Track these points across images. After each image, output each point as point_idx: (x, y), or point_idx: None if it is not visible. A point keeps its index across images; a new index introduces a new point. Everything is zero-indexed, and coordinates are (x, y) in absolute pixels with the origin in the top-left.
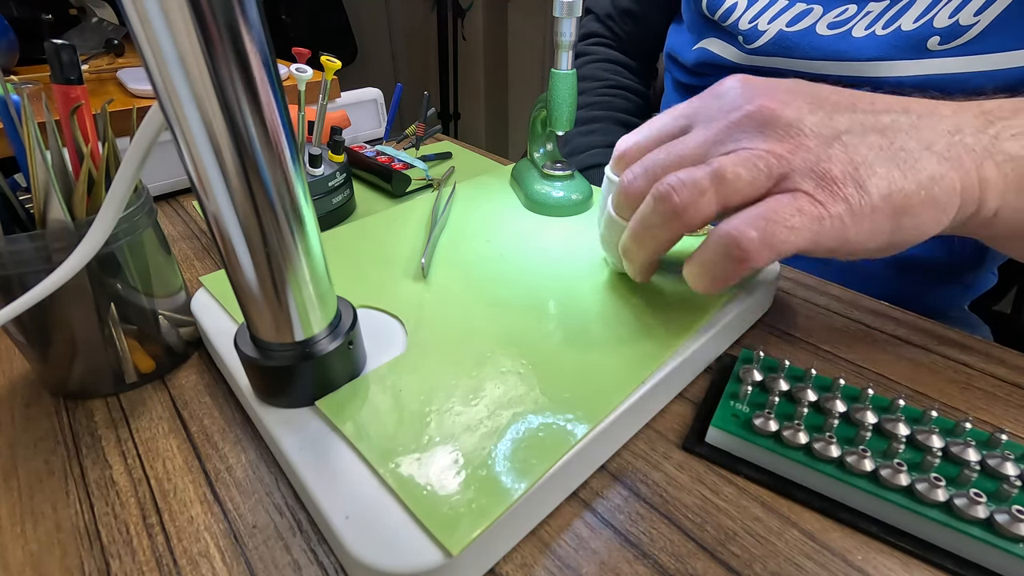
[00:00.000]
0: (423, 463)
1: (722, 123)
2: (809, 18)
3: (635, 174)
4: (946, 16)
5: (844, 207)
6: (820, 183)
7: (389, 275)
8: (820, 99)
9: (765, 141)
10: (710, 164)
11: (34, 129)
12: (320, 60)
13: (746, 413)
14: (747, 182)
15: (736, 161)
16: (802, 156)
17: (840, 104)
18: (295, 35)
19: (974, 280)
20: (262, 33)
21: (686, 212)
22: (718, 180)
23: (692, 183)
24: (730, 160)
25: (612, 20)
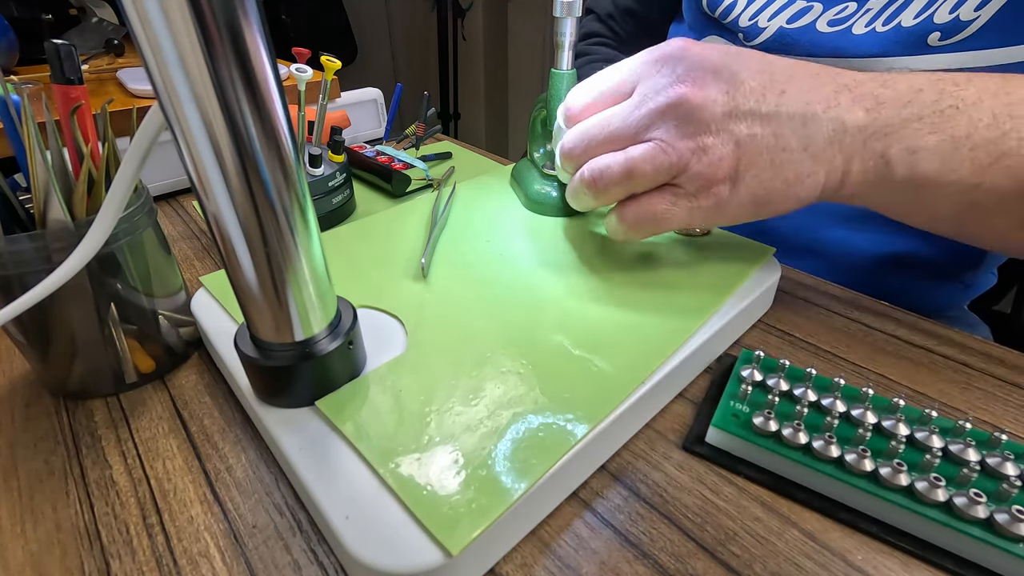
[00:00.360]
0: (423, 463)
1: (650, 105)
2: (809, 15)
3: (572, 142)
4: (946, 12)
5: (714, 201)
6: (702, 184)
7: (389, 275)
8: (738, 86)
9: (677, 136)
10: (627, 157)
11: (34, 129)
12: (320, 60)
13: (746, 413)
14: (651, 177)
15: (646, 158)
16: (698, 157)
17: (753, 92)
18: (295, 35)
19: (973, 279)
20: (262, 33)
21: (603, 194)
22: (628, 174)
23: (609, 176)
24: (641, 157)
25: (613, 20)
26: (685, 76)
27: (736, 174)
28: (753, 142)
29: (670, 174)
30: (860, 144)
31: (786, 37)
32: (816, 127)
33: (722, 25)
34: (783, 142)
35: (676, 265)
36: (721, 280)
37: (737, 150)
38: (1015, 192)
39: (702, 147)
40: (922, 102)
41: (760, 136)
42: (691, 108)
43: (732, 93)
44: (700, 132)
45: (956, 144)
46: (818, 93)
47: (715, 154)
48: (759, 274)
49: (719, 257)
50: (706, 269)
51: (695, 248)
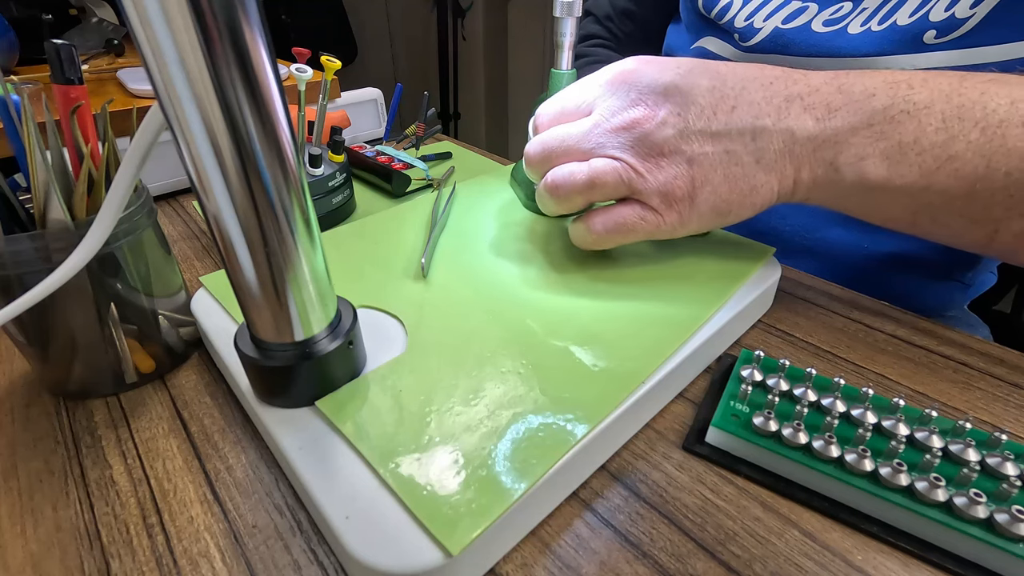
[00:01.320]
0: (423, 463)
1: (606, 125)
2: (804, 15)
3: (533, 151)
4: (942, 9)
5: (676, 217)
6: (663, 200)
7: (389, 275)
8: (687, 106)
9: (634, 156)
10: (590, 168)
11: (34, 129)
12: (320, 60)
13: (746, 413)
14: (611, 189)
15: (607, 171)
16: (655, 176)
17: (704, 111)
18: (295, 35)
19: (973, 279)
20: (262, 33)
21: (564, 202)
22: (590, 185)
23: (571, 184)
24: (602, 169)
25: (611, 21)
26: (638, 99)
27: (693, 191)
28: (706, 159)
29: (630, 189)
30: (809, 153)
31: (782, 37)
32: (766, 140)
33: (718, 26)
34: (735, 157)
35: (675, 265)
36: (721, 280)
37: (691, 169)
38: (964, 193)
39: (658, 167)
40: (873, 108)
41: (712, 154)
42: (644, 131)
43: (683, 115)
44: (654, 153)
45: (903, 150)
46: (768, 105)
47: (670, 172)
48: (759, 274)
49: (719, 257)
50: (706, 269)
51: (695, 248)
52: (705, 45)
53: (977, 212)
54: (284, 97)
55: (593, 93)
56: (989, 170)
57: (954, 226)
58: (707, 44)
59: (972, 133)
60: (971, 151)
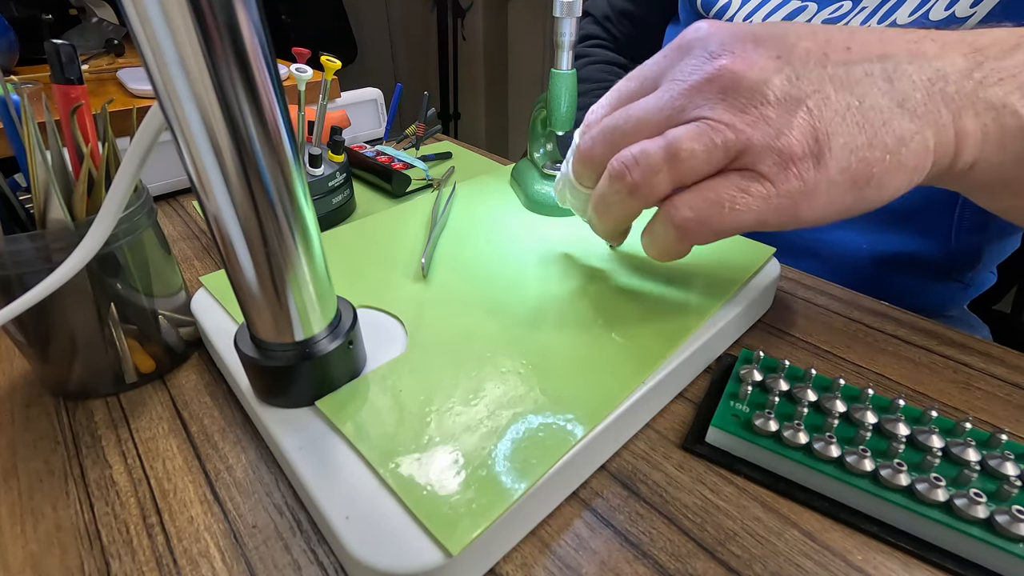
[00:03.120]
0: (423, 463)
1: (684, 85)
2: (803, 15)
3: (592, 139)
4: (942, 9)
5: (797, 185)
6: (777, 160)
7: (389, 275)
8: (789, 49)
9: (726, 111)
10: (666, 139)
11: (34, 129)
12: (320, 60)
13: (746, 413)
14: (703, 159)
15: (692, 136)
16: (762, 130)
17: (811, 54)
18: (295, 35)
19: (973, 279)
20: (262, 33)
21: (640, 191)
22: (672, 158)
23: (646, 162)
24: (686, 135)
25: (610, 22)
26: (721, 50)
27: (818, 146)
28: (829, 106)
29: (728, 155)
30: (970, 92)
31: None
32: (905, 79)
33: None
34: (869, 101)
35: (676, 265)
36: (721, 280)
37: (810, 118)
38: None
39: (762, 118)
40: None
41: (836, 99)
42: (737, 78)
43: (785, 58)
44: (756, 103)
45: None
46: (894, 45)
47: (781, 123)
48: (759, 274)
49: (719, 257)
50: (706, 269)
51: (695, 248)
52: None
53: None
54: (284, 97)
55: (657, 64)
56: None
57: None
58: None
59: None
60: None
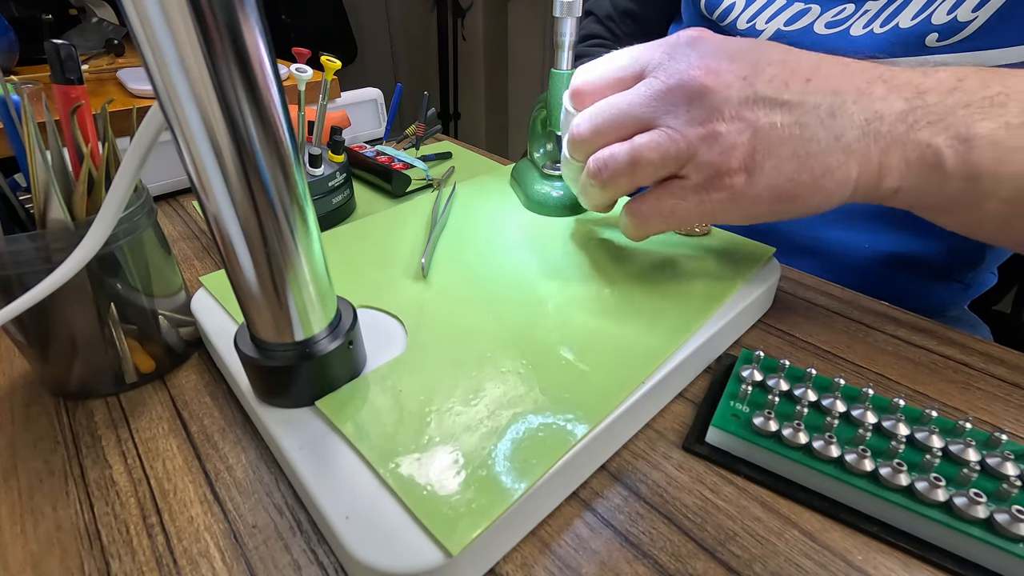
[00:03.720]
0: (423, 463)
1: (659, 87)
2: (807, 17)
3: (582, 124)
4: (944, 12)
5: (727, 194)
6: (712, 174)
7: (389, 275)
8: (758, 72)
9: (685, 123)
10: (631, 145)
11: (34, 129)
12: (320, 60)
13: (746, 413)
14: (656, 165)
15: (650, 145)
16: (708, 145)
17: (774, 80)
18: (295, 35)
19: (973, 279)
20: (262, 33)
21: (608, 187)
22: (632, 165)
23: (614, 166)
24: (645, 144)
25: (612, 21)
26: (700, 61)
27: (752, 164)
28: (773, 131)
29: (677, 163)
30: (901, 133)
31: (784, 39)
32: (847, 118)
33: (720, 27)
34: (809, 132)
35: (676, 265)
36: (721, 280)
37: (754, 139)
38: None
39: (712, 134)
40: (968, 89)
41: (782, 125)
42: (703, 92)
43: (751, 79)
44: (711, 118)
45: (1011, 131)
46: (848, 82)
47: (727, 142)
48: (759, 274)
49: (719, 257)
50: (706, 269)
51: (695, 248)
52: None
53: None
54: (284, 97)
55: (647, 55)
56: None
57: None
58: None
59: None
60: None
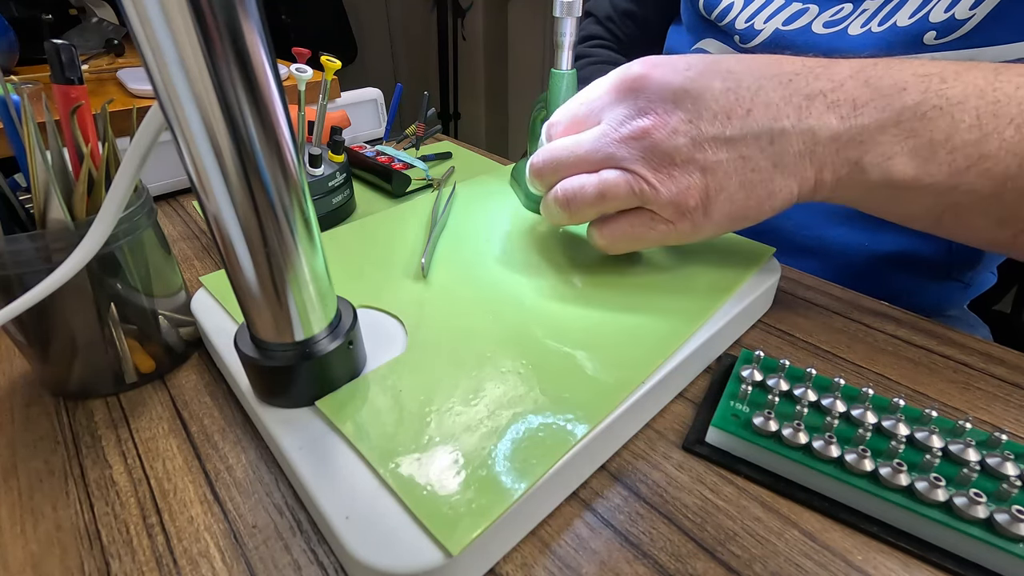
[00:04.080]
0: (423, 463)
1: (615, 135)
2: (805, 17)
3: (542, 160)
4: (941, 11)
5: (689, 225)
6: (675, 211)
7: (389, 275)
8: (700, 112)
9: (645, 167)
10: (601, 180)
11: (34, 129)
12: (320, 60)
13: (746, 413)
14: (623, 200)
15: (619, 183)
16: (667, 187)
17: (716, 117)
18: (295, 35)
19: (973, 279)
20: (262, 33)
21: (575, 215)
22: (600, 197)
23: (583, 197)
24: (614, 181)
25: (612, 22)
26: (647, 107)
27: (707, 201)
28: (720, 167)
29: (641, 200)
30: (833, 153)
31: (782, 39)
32: (784, 142)
33: (719, 28)
34: (751, 163)
35: (676, 265)
36: (721, 280)
37: (704, 178)
38: (993, 193)
39: (670, 177)
40: (903, 104)
41: (727, 161)
42: (654, 141)
43: (695, 121)
44: (666, 163)
45: (934, 148)
46: (787, 105)
47: (683, 183)
48: (759, 274)
49: (719, 257)
50: (706, 269)
51: (695, 248)
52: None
53: (1005, 212)
54: (284, 97)
55: (600, 101)
56: (1021, 170)
57: (979, 226)
58: (707, 46)
59: (1007, 131)
60: (1004, 149)
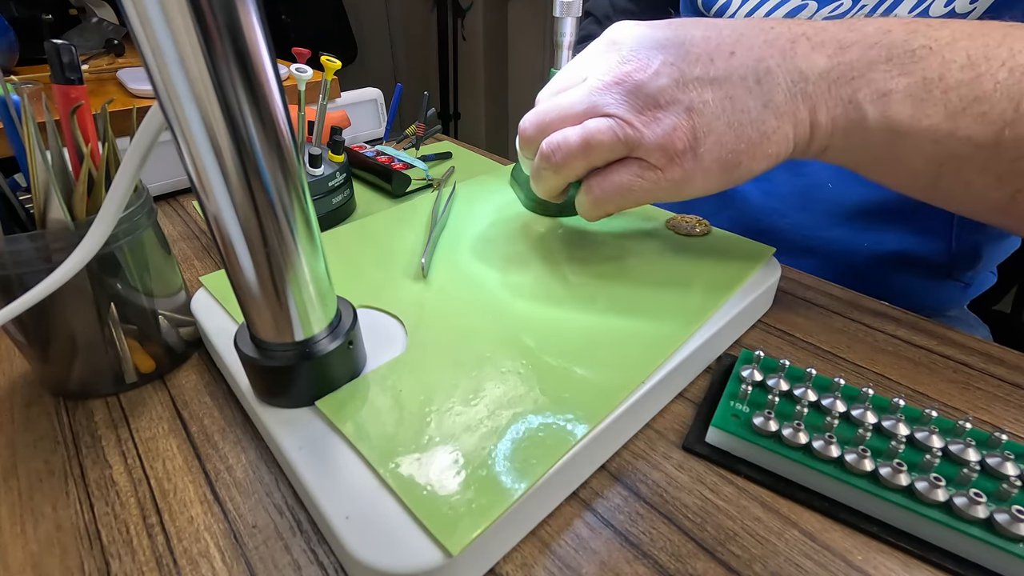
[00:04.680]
0: (423, 463)
1: (599, 83)
2: (804, 13)
3: (527, 121)
4: (941, 5)
5: (679, 172)
6: (663, 155)
7: (389, 275)
8: (683, 55)
9: (629, 111)
10: (584, 129)
11: (34, 129)
12: (320, 60)
13: (746, 413)
14: (608, 149)
15: (603, 130)
16: (652, 130)
17: (699, 59)
18: (295, 35)
19: (973, 278)
20: (262, 33)
21: (562, 170)
22: (585, 146)
23: (567, 148)
24: (598, 129)
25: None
26: (629, 56)
27: (695, 143)
28: (707, 107)
29: (627, 147)
30: (824, 90)
31: None
32: (771, 82)
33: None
34: (739, 103)
35: (676, 265)
36: (721, 280)
37: (691, 118)
38: (991, 141)
39: (655, 119)
40: (891, 42)
41: (712, 101)
42: (637, 83)
43: (678, 64)
44: (650, 105)
45: (928, 86)
46: (770, 48)
47: (668, 124)
48: (759, 274)
49: (719, 257)
50: (706, 269)
51: (695, 248)
52: None
53: (1003, 165)
54: (284, 97)
55: (586, 61)
56: (1018, 114)
57: (977, 184)
58: None
59: (1000, 73)
60: (999, 92)
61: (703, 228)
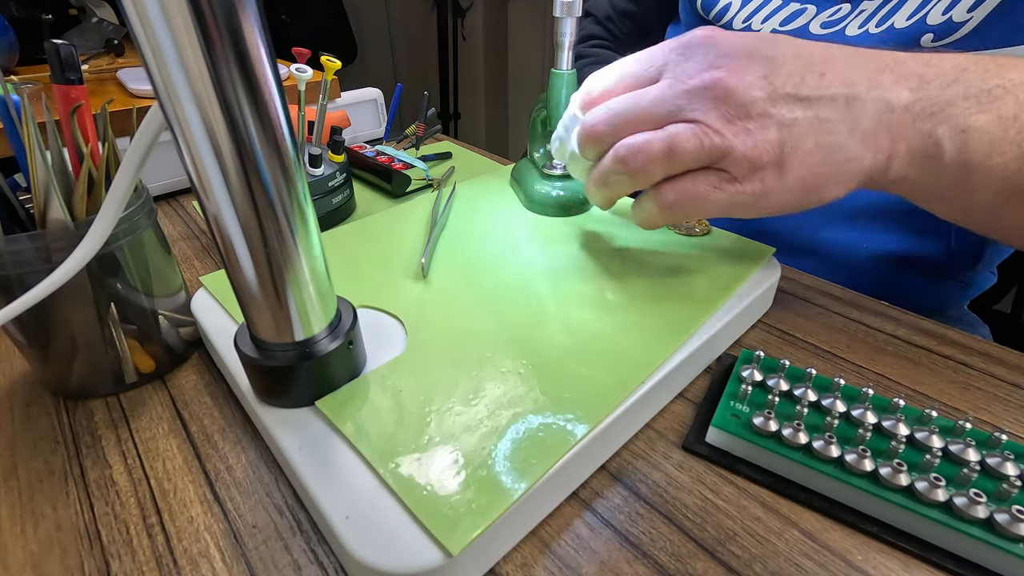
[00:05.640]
0: (423, 463)
1: (684, 86)
2: (803, 17)
3: (598, 119)
4: (939, 13)
5: (759, 186)
6: (748, 167)
7: (389, 275)
8: (776, 70)
9: (718, 119)
10: (668, 134)
11: (34, 129)
12: (320, 60)
13: (746, 413)
14: (692, 157)
15: (689, 136)
16: (741, 140)
17: (792, 76)
18: (295, 35)
19: (973, 279)
20: (262, 33)
21: (639, 176)
22: (669, 153)
23: (647, 153)
24: (684, 135)
25: (612, 22)
26: (718, 61)
27: (782, 159)
28: (797, 126)
29: (712, 157)
30: (908, 123)
31: None
32: (860, 109)
33: (717, 28)
34: (828, 125)
35: (676, 265)
36: (721, 280)
37: (780, 134)
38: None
39: (745, 130)
40: (968, 81)
41: (803, 120)
42: (729, 92)
43: (770, 77)
44: (740, 116)
45: (1004, 125)
46: (859, 74)
47: (758, 137)
48: (759, 274)
49: (719, 257)
50: (706, 269)
51: (695, 248)
52: None
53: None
54: (284, 97)
55: (662, 58)
56: None
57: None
58: None
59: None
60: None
61: (703, 228)
